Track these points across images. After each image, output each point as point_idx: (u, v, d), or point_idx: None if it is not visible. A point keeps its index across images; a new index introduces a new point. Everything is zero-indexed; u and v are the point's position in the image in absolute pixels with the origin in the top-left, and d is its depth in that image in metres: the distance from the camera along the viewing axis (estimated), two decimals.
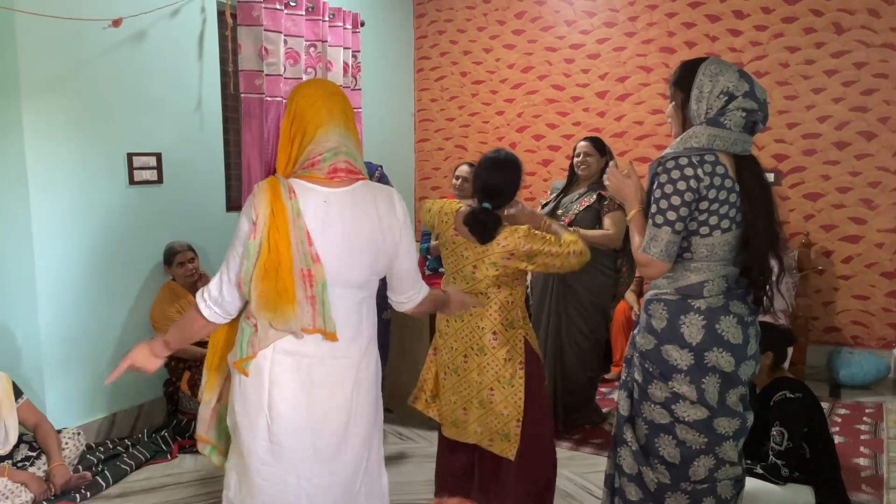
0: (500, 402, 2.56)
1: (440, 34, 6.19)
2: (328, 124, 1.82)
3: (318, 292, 1.77)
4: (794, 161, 5.00)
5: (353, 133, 1.87)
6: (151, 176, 3.89)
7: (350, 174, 1.85)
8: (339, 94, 1.88)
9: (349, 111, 1.88)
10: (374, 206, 1.86)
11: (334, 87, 1.90)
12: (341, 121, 1.84)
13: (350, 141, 1.86)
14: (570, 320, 3.75)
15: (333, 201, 1.81)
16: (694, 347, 2.05)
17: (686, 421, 2.09)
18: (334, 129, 1.82)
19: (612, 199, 3.64)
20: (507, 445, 2.57)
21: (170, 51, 3.96)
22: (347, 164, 1.84)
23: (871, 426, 3.97)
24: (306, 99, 1.84)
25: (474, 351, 2.59)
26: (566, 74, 5.68)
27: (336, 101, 1.86)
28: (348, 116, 1.87)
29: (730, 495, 2.17)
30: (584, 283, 3.70)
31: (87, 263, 3.62)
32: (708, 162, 1.97)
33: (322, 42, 4.66)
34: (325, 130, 1.81)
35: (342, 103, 1.87)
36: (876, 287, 4.86)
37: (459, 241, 2.57)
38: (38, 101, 3.36)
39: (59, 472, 3.11)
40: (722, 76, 2.01)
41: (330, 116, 1.82)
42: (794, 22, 4.91)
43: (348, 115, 1.87)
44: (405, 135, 6.30)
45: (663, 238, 2.00)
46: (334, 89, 1.89)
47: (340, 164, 1.82)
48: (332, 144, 1.82)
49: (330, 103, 1.84)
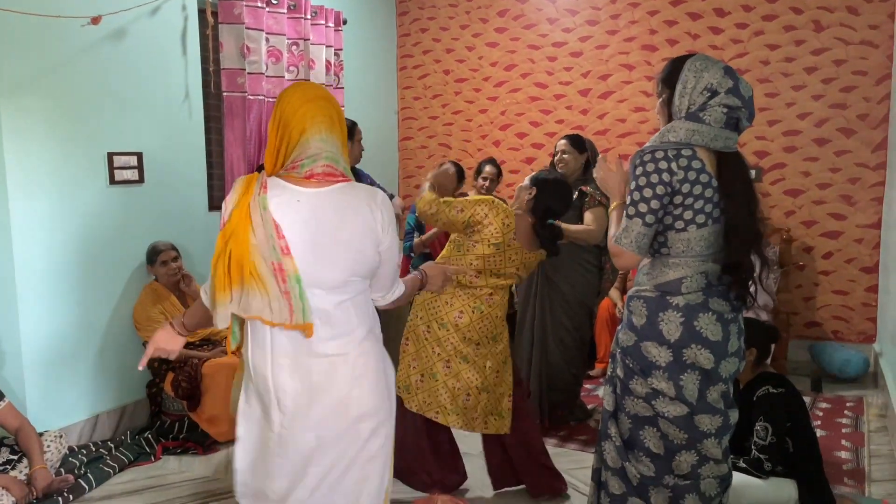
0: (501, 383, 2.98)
1: (423, 32, 6.19)
2: (309, 131, 1.84)
3: (293, 287, 1.76)
4: (775, 158, 5.04)
5: (337, 136, 1.88)
6: (132, 175, 3.85)
7: (329, 177, 1.85)
8: (322, 99, 1.89)
9: (334, 113, 1.89)
10: (352, 207, 1.84)
11: (318, 92, 1.91)
12: (323, 125, 1.85)
13: (333, 145, 1.87)
14: (554, 318, 3.77)
15: (306, 200, 1.82)
16: (672, 344, 2.06)
17: (667, 416, 2.10)
18: (315, 136, 1.84)
19: (593, 195, 3.67)
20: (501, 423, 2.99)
21: (150, 49, 3.92)
22: (326, 168, 1.85)
23: (852, 420, 4.01)
24: (290, 106, 1.86)
25: (488, 339, 2.93)
26: (549, 72, 5.70)
27: (320, 105, 1.87)
28: (332, 119, 1.88)
29: (714, 493, 2.17)
30: (569, 280, 3.72)
31: (68, 264, 3.58)
32: (684, 156, 1.99)
33: (304, 40, 4.64)
34: (307, 137, 1.83)
35: (326, 108, 1.87)
36: (856, 282, 4.91)
37: (515, 245, 2.91)
38: (16, 100, 3.32)
39: (40, 476, 3.07)
40: (707, 72, 2.03)
41: (311, 122, 1.84)
42: (774, 20, 4.95)
43: (333, 118, 1.88)
44: (388, 133, 6.29)
45: (634, 229, 2.02)
46: (318, 94, 1.90)
47: (318, 169, 1.84)
48: (313, 151, 1.84)
49: (313, 109, 1.85)
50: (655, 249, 2.11)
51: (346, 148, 1.94)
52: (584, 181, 3.78)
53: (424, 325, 2.94)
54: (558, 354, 3.79)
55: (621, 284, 4.87)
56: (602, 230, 3.62)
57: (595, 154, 3.86)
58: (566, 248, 3.67)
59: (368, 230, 1.86)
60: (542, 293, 3.76)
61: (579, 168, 3.81)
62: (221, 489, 3.24)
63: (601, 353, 4.84)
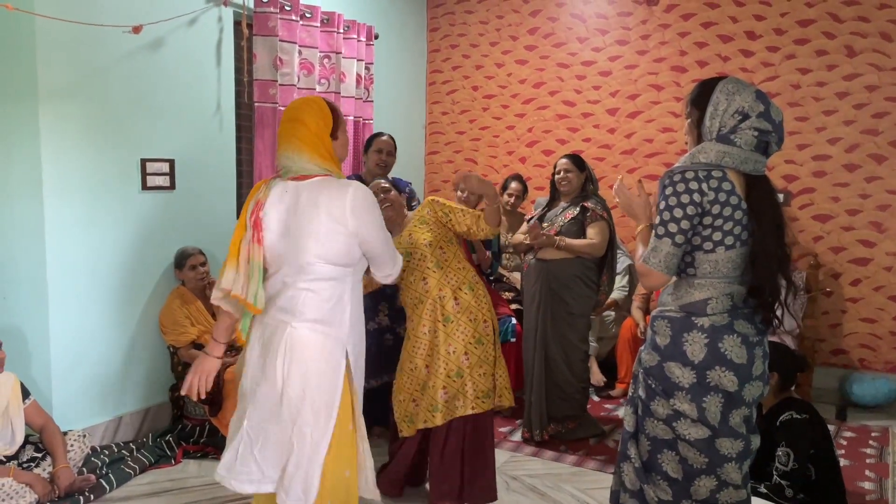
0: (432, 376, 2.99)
1: (453, 48, 6.24)
2: (280, 148, 2.24)
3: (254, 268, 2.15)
4: (804, 182, 5.00)
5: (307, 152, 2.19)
6: (164, 182, 3.92)
7: (306, 178, 2.20)
8: (294, 121, 2.20)
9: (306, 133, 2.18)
10: (325, 195, 2.15)
11: (294, 114, 2.23)
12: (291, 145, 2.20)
13: (300, 161, 2.19)
14: (557, 331, 3.88)
15: (290, 190, 2.21)
16: (696, 365, 2.05)
17: (688, 439, 2.08)
18: (283, 153, 2.22)
19: (595, 211, 3.84)
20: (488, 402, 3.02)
21: (186, 59, 4.00)
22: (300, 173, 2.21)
23: (876, 450, 3.95)
24: (279, 125, 2.29)
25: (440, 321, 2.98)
26: (577, 91, 5.71)
27: (289, 128, 2.20)
28: (303, 139, 2.18)
29: None
30: (573, 294, 3.87)
31: (99, 267, 3.65)
32: (714, 177, 1.99)
33: (336, 53, 4.71)
34: (280, 153, 2.24)
35: (295, 130, 2.19)
36: (884, 310, 4.84)
37: None
38: (55, 106, 3.40)
39: (63, 475, 3.12)
40: (738, 95, 2.03)
41: (282, 142, 2.23)
42: (806, 44, 4.92)
43: (303, 138, 2.18)
44: (415, 147, 6.33)
45: (663, 249, 2.02)
46: (293, 115, 2.23)
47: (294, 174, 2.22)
48: (283, 164, 2.23)
49: (285, 131, 2.22)
50: (682, 269, 2.10)
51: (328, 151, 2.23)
52: (584, 198, 3.93)
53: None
54: (565, 367, 3.89)
55: (644, 304, 4.85)
56: (605, 243, 3.85)
57: (592, 173, 4.05)
58: (571, 263, 3.85)
59: (335, 217, 2.14)
60: (545, 307, 3.88)
61: (579, 186, 3.97)
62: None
63: (622, 373, 4.81)
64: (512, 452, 3.82)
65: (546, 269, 3.87)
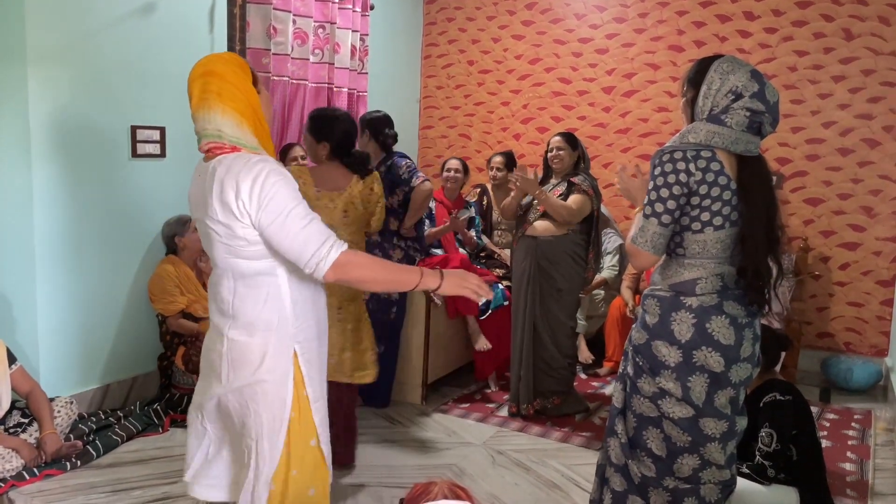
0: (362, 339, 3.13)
1: (449, 21, 6.17)
2: (192, 108, 1.88)
3: None
4: (797, 165, 5.00)
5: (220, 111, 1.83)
6: (154, 150, 3.89)
7: (215, 150, 1.86)
8: (207, 75, 1.85)
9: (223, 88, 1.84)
10: (217, 181, 1.80)
11: (206, 67, 1.87)
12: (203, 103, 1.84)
13: (214, 122, 1.84)
14: (545, 307, 3.91)
15: (201, 174, 1.91)
16: (683, 345, 2.06)
17: (671, 417, 2.10)
18: (195, 113, 1.87)
19: (580, 185, 3.86)
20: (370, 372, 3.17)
21: (177, 25, 3.94)
22: (209, 144, 1.87)
23: (858, 432, 3.99)
24: (188, 85, 1.89)
25: (348, 301, 3.02)
26: (573, 68, 5.67)
27: (202, 83, 1.85)
28: (218, 95, 1.83)
29: (714, 499, 2.17)
30: (561, 271, 3.89)
31: (88, 233, 3.63)
32: (703, 158, 1.98)
33: (331, 24, 4.66)
34: (193, 115, 1.88)
35: (210, 83, 1.84)
36: (871, 295, 4.87)
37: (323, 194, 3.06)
38: (44, 69, 3.35)
39: (50, 440, 3.12)
40: (732, 75, 2.02)
41: (194, 101, 1.87)
42: (804, 26, 4.90)
43: (219, 93, 1.84)
44: (409, 121, 6.29)
45: (650, 229, 2.03)
46: (206, 69, 1.87)
47: (205, 146, 1.88)
48: (197, 128, 1.89)
49: (199, 87, 1.86)
50: (671, 250, 2.11)
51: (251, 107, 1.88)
52: (574, 175, 3.95)
53: None
54: (551, 343, 3.93)
55: (633, 284, 4.86)
56: (577, 212, 3.83)
57: (585, 152, 4.03)
58: (560, 239, 3.87)
59: (230, 208, 1.78)
60: (534, 282, 3.91)
61: (572, 164, 3.98)
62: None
63: (610, 351, 4.84)
64: (498, 427, 3.85)
65: (535, 246, 3.88)
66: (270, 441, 1.87)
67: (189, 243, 3.90)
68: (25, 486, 2.98)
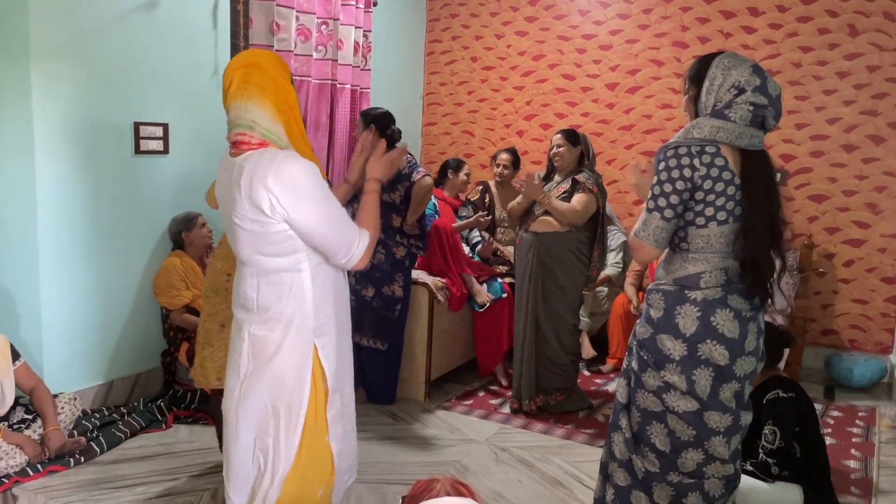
0: None
1: (452, 18, 6.16)
2: (228, 97, 1.89)
3: None
4: (801, 162, 4.98)
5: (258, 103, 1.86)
6: (158, 146, 3.89)
7: (242, 145, 1.88)
8: (249, 66, 1.88)
9: (264, 80, 1.87)
10: (247, 178, 1.81)
11: (249, 59, 1.91)
12: (240, 93, 1.86)
13: (251, 113, 1.86)
14: (548, 304, 3.91)
15: (227, 169, 1.92)
16: (687, 338, 2.07)
17: (676, 411, 2.10)
18: (232, 103, 1.89)
19: (584, 184, 3.84)
20: None
21: (181, 21, 3.94)
22: (238, 136, 1.88)
23: (863, 430, 3.98)
24: (224, 75, 1.92)
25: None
26: (577, 64, 5.66)
27: (243, 73, 1.88)
28: (259, 87, 1.86)
29: (718, 493, 2.17)
30: (564, 268, 3.89)
31: (91, 230, 3.63)
32: (707, 153, 2.00)
33: (334, 20, 4.64)
34: (228, 104, 1.90)
35: (251, 75, 1.87)
36: (876, 292, 4.86)
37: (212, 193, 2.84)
38: (47, 65, 3.35)
39: (54, 437, 3.13)
40: (734, 70, 2.03)
41: (232, 89, 1.88)
42: (808, 22, 4.87)
43: (260, 85, 1.86)
44: (412, 117, 6.28)
45: (652, 223, 2.05)
46: (248, 61, 1.90)
47: (234, 138, 1.89)
48: (230, 117, 1.90)
49: (241, 76, 1.88)
50: (675, 244, 2.12)
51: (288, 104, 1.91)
52: (579, 172, 3.93)
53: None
54: (554, 340, 3.92)
55: (637, 281, 4.85)
56: (583, 213, 3.81)
57: (589, 148, 4.00)
58: (563, 236, 3.86)
59: (260, 206, 1.80)
60: (535, 278, 3.90)
61: (574, 161, 3.96)
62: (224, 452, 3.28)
63: (613, 348, 4.83)
64: (501, 424, 3.85)
65: (537, 243, 3.88)
66: (287, 439, 1.89)
67: (196, 239, 3.90)
68: (29, 482, 2.99)
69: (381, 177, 2.14)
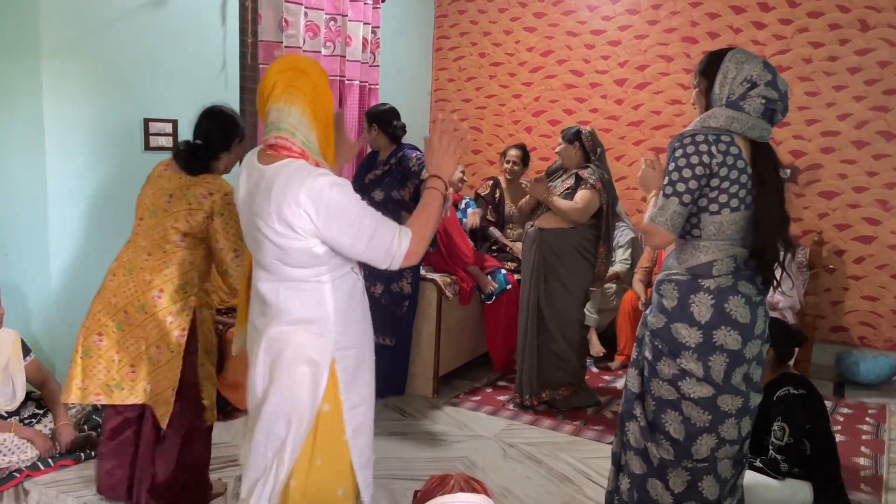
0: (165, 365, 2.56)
1: (460, 14, 6.15)
2: (270, 99, 1.87)
3: None
4: (812, 158, 4.96)
5: (301, 108, 1.86)
6: (167, 142, 3.90)
7: (281, 149, 1.86)
8: (296, 70, 1.88)
9: (305, 85, 1.87)
10: (278, 192, 1.79)
11: (293, 63, 1.91)
12: (284, 96, 1.85)
13: (292, 116, 1.85)
14: (552, 303, 3.92)
15: (255, 175, 1.89)
16: (703, 326, 2.13)
17: (692, 398, 2.16)
18: (275, 105, 1.86)
19: (587, 180, 3.85)
20: (164, 410, 2.56)
21: (190, 18, 3.95)
22: (278, 140, 1.86)
23: (873, 427, 3.97)
24: (266, 76, 1.90)
25: (135, 308, 2.56)
26: (586, 60, 5.64)
27: (286, 76, 1.87)
28: (303, 92, 1.86)
29: (729, 475, 2.23)
30: (567, 265, 3.90)
31: (101, 227, 3.64)
32: (723, 142, 2.08)
33: (342, 16, 4.65)
34: (270, 107, 1.87)
35: (292, 79, 1.86)
36: (886, 289, 4.83)
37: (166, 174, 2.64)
38: (57, 62, 3.37)
39: (64, 431, 3.15)
40: (747, 64, 2.11)
41: (276, 91, 1.86)
42: (819, 17, 4.85)
43: (301, 89, 1.86)
44: (420, 114, 6.27)
45: (670, 208, 2.10)
46: (291, 65, 1.90)
47: (272, 140, 1.87)
48: (271, 119, 1.88)
49: (286, 80, 1.87)
50: (687, 231, 2.18)
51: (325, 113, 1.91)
52: (584, 168, 3.94)
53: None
54: (559, 335, 3.93)
55: (645, 277, 4.84)
56: (585, 210, 3.83)
57: (595, 144, 3.97)
58: (566, 233, 3.87)
59: (286, 219, 1.79)
60: (538, 274, 3.92)
61: (578, 157, 3.96)
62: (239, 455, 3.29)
63: (621, 345, 4.82)
64: (509, 421, 3.85)
65: (540, 238, 3.89)
66: (293, 445, 1.89)
67: None
68: (40, 476, 3.01)
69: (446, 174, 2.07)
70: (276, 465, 1.91)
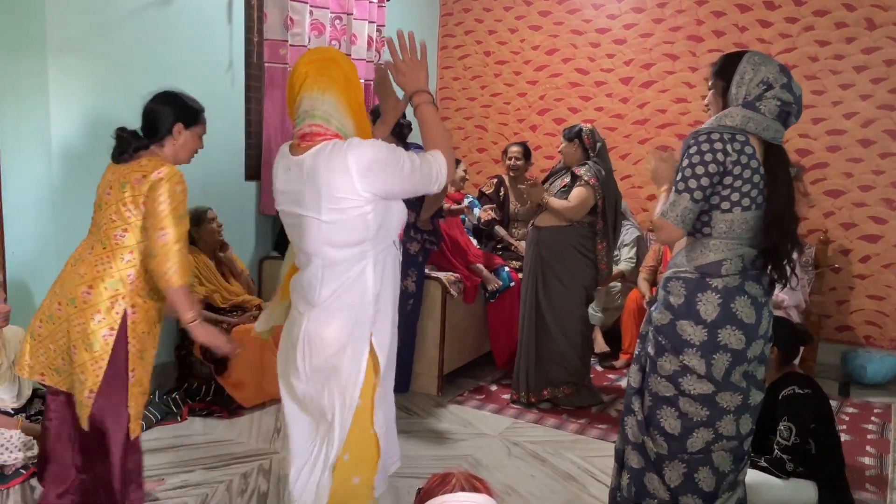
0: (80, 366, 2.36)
1: (465, 12, 6.15)
2: (303, 88, 1.90)
3: None
4: (818, 157, 4.95)
5: (335, 96, 1.90)
6: None
7: (316, 136, 1.90)
8: (326, 60, 1.92)
9: (337, 74, 1.91)
10: (325, 169, 1.84)
11: (323, 54, 1.95)
12: (317, 84, 1.89)
13: (326, 104, 1.89)
14: (549, 297, 3.93)
15: (293, 167, 1.93)
16: (708, 324, 2.15)
17: (690, 394, 2.18)
18: (307, 94, 1.90)
19: (581, 178, 3.86)
20: (83, 413, 2.37)
21: (195, 16, 3.95)
22: (314, 128, 1.90)
23: (878, 426, 3.96)
24: (296, 68, 1.94)
25: (67, 301, 2.42)
26: (591, 59, 5.63)
27: (317, 66, 1.91)
28: (332, 80, 1.90)
29: (727, 469, 2.24)
30: (565, 264, 3.91)
31: None
32: (738, 141, 2.10)
33: (347, 15, 4.65)
34: (302, 96, 1.91)
35: (325, 68, 1.90)
36: (892, 288, 4.82)
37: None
38: (63, 60, 3.38)
39: None
40: (764, 66, 2.15)
41: (308, 81, 1.90)
42: (825, 15, 4.83)
43: (333, 78, 1.90)
44: None
45: (681, 204, 2.12)
46: (322, 56, 1.94)
47: (306, 129, 1.91)
48: (304, 108, 1.91)
49: (316, 69, 1.90)
50: (697, 229, 2.19)
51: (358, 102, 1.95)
52: (580, 166, 3.94)
53: None
54: (559, 333, 3.94)
55: (650, 276, 4.83)
56: (579, 208, 3.84)
57: (594, 140, 3.97)
58: (563, 231, 3.88)
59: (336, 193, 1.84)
60: (535, 272, 3.95)
61: (577, 155, 3.96)
62: (244, 452, 3.30)
63: (626, 343, 4.82)
64: (514, 419, 3.86)
65: (537, 237, 3.91)
66: (341, 426, 1.93)
67: (205, 235, 3.92)
68: None
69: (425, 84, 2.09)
70: (325, 448, 1.96)
